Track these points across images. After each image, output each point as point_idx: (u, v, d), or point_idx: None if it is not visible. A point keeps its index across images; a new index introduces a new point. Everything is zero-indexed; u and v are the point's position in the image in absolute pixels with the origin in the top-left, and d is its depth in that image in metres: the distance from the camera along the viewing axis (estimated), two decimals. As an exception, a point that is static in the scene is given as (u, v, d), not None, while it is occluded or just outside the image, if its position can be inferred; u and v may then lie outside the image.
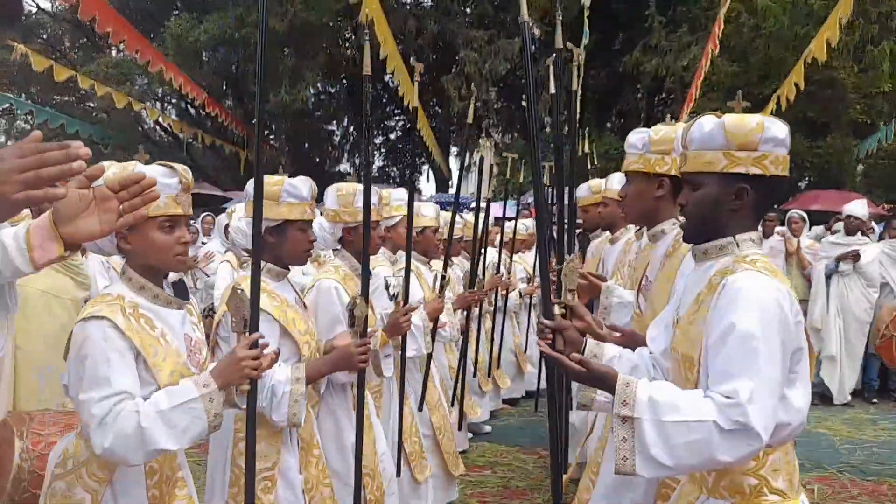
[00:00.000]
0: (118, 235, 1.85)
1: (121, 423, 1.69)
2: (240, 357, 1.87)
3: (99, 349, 1.74)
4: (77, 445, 1.86)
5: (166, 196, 1.85)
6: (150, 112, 15.32)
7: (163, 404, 1.73)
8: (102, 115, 19.76)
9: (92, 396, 1.70)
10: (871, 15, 10.07)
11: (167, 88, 17.00)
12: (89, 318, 1.78)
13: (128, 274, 1.91)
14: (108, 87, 13.35)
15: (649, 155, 2.41)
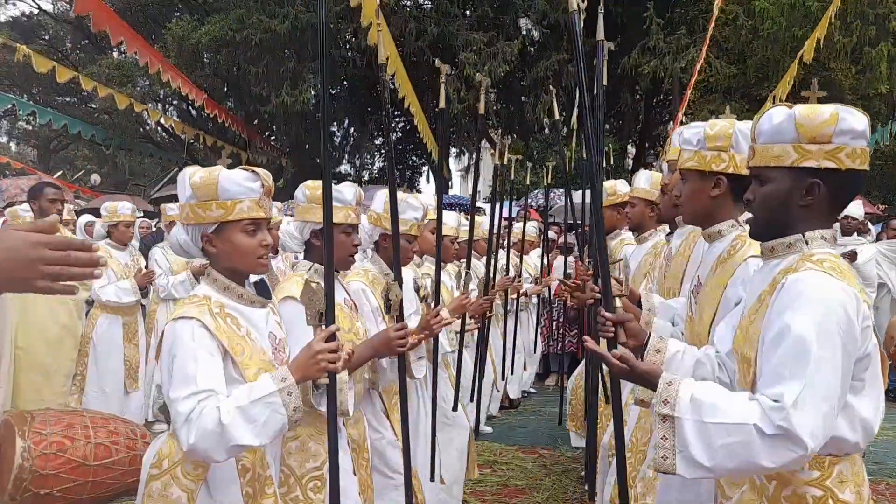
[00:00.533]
0: (204, 238, 1.91)
1: (203, 420, 1.69)
2: (317, 350, 1.85)
3: (187, 348, 1.77)
4: (171, 445, 1.88)
5: (250, 200, 1.89)
6: (151, 113, 15.36)
7: (242, 399, 1.73)
8: (104, 116, 19.81)
9: (179, 394, 1.73)
10: (869, 16, 10.10)
11: (168, 90, 17.05)
12: (178, 319, 1.82)
13: (212, 275, 1.95)
14: (110, 89, 13.40)
15: (705, 152, 2.25)
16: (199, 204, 1.89)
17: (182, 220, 1.94)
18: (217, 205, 1.87)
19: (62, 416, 4.02)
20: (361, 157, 20.75)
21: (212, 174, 1.89)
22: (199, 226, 1.91)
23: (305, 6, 14.09)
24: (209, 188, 1.87)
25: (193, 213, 1.90)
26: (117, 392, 5.25)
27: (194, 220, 1.90)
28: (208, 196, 1.88)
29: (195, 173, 1.91)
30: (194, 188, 1.89)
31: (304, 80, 14.30)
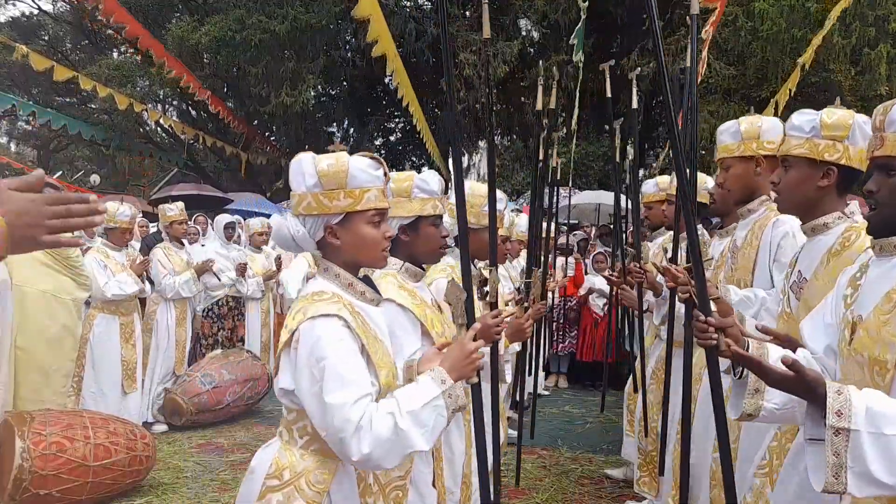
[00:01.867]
0: (327, 230, 1.77)
1: (377, 427, 1.58)
2: (470, 350, 1.76)
3: (337, 349, 1.63)
4: (290, 455, 1.76)
5: (376, 189, 1.78)
6: (150, 113, 15.36)
7: (412, 404, 1.62)
8: (104, 116, 19.81)
9: (344, 400, 1.58)
10: (868, 18, 10.12)
11: (168, 91, 17.06)
12: (317, 317, 1.66)
13: (333, 270, 1.81)
14: (110, 89, 13.40)
15: (818, 140, 2.16)
16: (325, 193, 1.74)
17: (301, 211, 1.77)
18: (345, 193, 1.74)
19: (62, 416, 4.02)
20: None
21: (340, 160, 1.76)
22: (323, 216, 1.76)
23: (305, 7, 14.11)
24: (338, 176, 1.74)
25: (318, 202, 1.74)
26: (114, 393, 5.25)
27: (318, 211, 1.75)
28: (336, 184, 1.74)
29: (321, 160, 1.77)
30: (321, 176, 1.74)
31: (304, 80, 14.30)
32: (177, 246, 6.14)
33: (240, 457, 5.10)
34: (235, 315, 6.85)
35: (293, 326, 1.68)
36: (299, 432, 1.77)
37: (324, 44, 15.10)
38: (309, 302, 1.71)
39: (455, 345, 1.80)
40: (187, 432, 5.65)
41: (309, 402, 1.64)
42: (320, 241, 1.80)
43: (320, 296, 1.72)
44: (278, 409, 6.54)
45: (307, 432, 1.74)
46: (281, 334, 1.74)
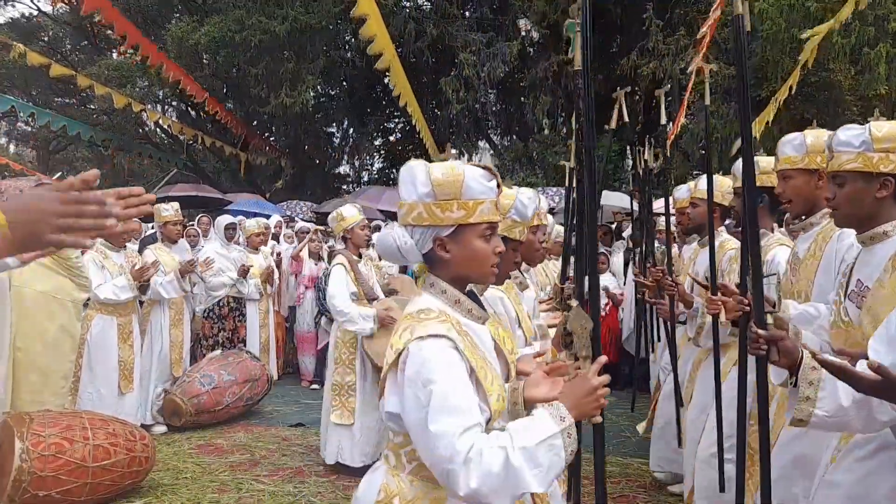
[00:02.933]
0: (436, 242, 1.68)
1: (487, 461, 1.46)
2: (594, 386, 1.60)
3: (445, 373, 1.53)
4: (398, 481, 1.67)
5: (489, 201, 1.69)
6: (149, 113, 15.36)
7: (526, 440, 1.49)
8: (103, 117, 19.81)
9: (451, 429, 1.48)
10: (868, 18, 10.10)
11: (167, 91, 17.06)
12: (425, 338, 1.56)
13: (439, 286, 1.71)
14: (107, 87, 13.40)
15: (871, 153, 2.23)
16: (438, 203, 1.65)
17: (410, 221, 1.69)
18: (459, 205, 1.65)
19: (61, 417, 4.02)
20: (361, 158, 20.75)
21: (456, 170, 1.67)
22: (434, 228, 1.67)
23: (304, 8, 14.10)
24: (453, 186, 1.65)
25: (430, 213, 1.66)
26: (111, 393, 5.23)
27: (429, 222, 1.66)
28: (451, 195, 1.65)
29: (434, 168, 1.67)
30: (436, 185, 1.65)
31: (303, 80, 14.30)
32: (169, 246, 6.12)
33: (239, 458, 5.09)
34: (236, 316, 6.84)
35: (399, 346, 1.59)
36: (407, 457, 1.67)
37: (323, 44, 15.10)
38: (416, 320, 1.62)
39: (578, 380, 1.64)
40: (187, 433, 5.65)
41: (413, 429, 1.55)
42: (427, 254, 1.71)
43: (427, 314, 1.63)
44: (278, 411, 6.58)
45: (415, 458, 1.64)
46: (387, 355, 1.65)
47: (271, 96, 14.53)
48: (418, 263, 1.76)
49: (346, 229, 4.97)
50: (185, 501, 4.27)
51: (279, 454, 5.21)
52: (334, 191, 18.99)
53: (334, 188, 19.45)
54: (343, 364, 4.84)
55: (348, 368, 4.82)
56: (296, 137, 18.09)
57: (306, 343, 7.71)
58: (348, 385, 4.79)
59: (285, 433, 5.79)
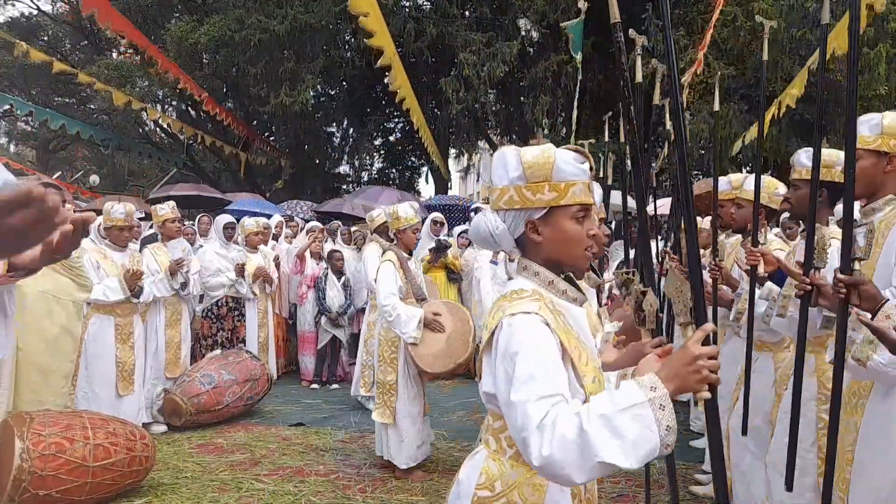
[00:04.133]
0: (528, 225, 1.67)
1: (561, 427, 1.39)
2: (696, 355, 1.43)
3: (531, 346, 1.51)
4: (500, 464, 1.67)
5: (582, 183, 1.66)
6: (149, 112, 15.34)
7: (604, 407, 1.39)
8: (103, 117, 19.81)
9: (527, 397, 1.44)
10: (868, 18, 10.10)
11: (167, 91, 17.05)
12: (516, 314, 1.56)
13: (532, 268, 1.70)
14: (107, 86, 13.40)
15: None
16: (529, 186, 1.65)
17: (502, 205, 1.69)
18: (550, 186, 1.64)
19: (61, 417, 4.02)
20: (361, 158, 20.76)
21: (546, 152, 1.65)
22: (525, 211, 1.66)
23: (304, 7, 14.10)
24: (544, 168, 1.64)
25: (521, 196, 1.65)
26: (108, 394, 5.21)
27: (521, 205, 1.66)
28: (542, 177, 1.64)
29: (526, 152, 1.66)
30: (527, 167, 1.64)
31: (303, 80, 14.30)
32: (167, 245, 6.11)
33: (239, 457, 5.09)
34: (235, 316, 6.85)
35: (492, 325, 1.60)
36: (507, 441, 1.65)
37: (323, 44, 15.10)
38: (508, 300, 1.63)
39: (679, 349, 1.50)
40: (187, 433, 5.65)
41: (502, 403, 1.52)
42: (520, 238, 1.71)
43: (520, 294, 1.63)
44: (278, 410, 6.58)
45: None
46: (483, 336, 1.66)
47: (271, 96, 14.53)
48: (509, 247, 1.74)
49: (399, 229, 4.86)
50: (186, 501, 4.27)
51: (279, 454, 5.21)
52: (334, 190, 18.99)
53: (334, 188, 19.45)
54: (385, 362, 4.77)
55: (390, 367, 4.74)
56: (296, 137, 18.08)
57: (307, 343, 7.72)
58: (389, 384, 4.71)
59: (285, 433, 5.79)
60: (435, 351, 4.63)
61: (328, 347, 7.64)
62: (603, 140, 15.45)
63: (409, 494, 4.43)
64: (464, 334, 4.71)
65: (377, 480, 4.67)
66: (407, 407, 4.69)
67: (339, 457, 5.17)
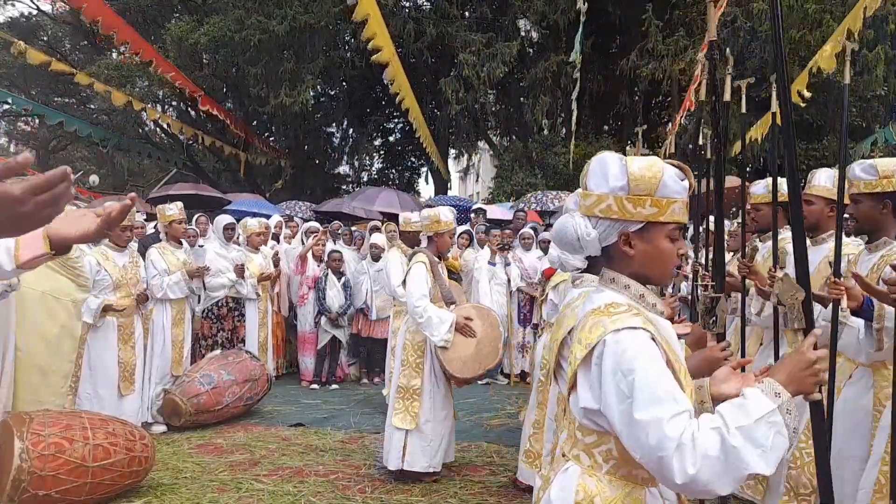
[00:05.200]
0: (622, 237, 1.65)
1: (702, 444, 1.40)
2: (812, 359, 1.52)
3: (647, 363, 1.49)
4: (598, 480, 1.63)
5: (681, 202, 1.64)
6: (149, 112, 15.33)
7: (739, 419, 1.43)
8: (103, 117, 19.80)
9: (658, 416, 1.43)
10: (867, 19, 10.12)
11: (167, 91, 17.05)
12: (622, 330, 1.53)
13: (621, 281, 1.68)
14: (107, 86, 13.39)
15: None
16: (630, 197, 1.61)
17: (597, 213, 1.65)
18: (652, 202, 1.61)
19: (60, 417, 4.02)
20: (361, 158, 20.75)
21: (655, 166, 1.62)
22: (621, 222, 1.64)
23: (304, 7, 14.11)
24: (650, 182, 1.60)
25: (620, 206, 1.62)
26: (110, 394, 5.22)
27: (619, 216, 1.62)
28: (646, 190, 1.61)
29: (633, 161, 1.63)
30: (632, 179, 1.61)
31: (303, 80, 14.31)
32: (174, 246, 6.12)
33: (239, 457, 5.09)
34: (235, 316, 6.86)
35: (591, 340, 1.55)
36: (603, 456, 1.62)
37: (323, 44, 15.10)
38: (605, 314, 1.58)
39: (793, 353, 1.56)
40: (186, 433, 5.65)
41: (618, 421, 1.50)
42: (608, 248, 1.68)
43: (616, 307, 1.58)
44: (277, 410, 6.58)
45: (612, 456, 1.61)
46: (574, 350, 1.61)
47: (271, 96, 14.54)
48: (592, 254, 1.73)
49: (438, 232, 4.80)
50: (185, 501, 4.27)
51: (279, 454, 5.21)
52: (334, 191, 19.00)
53: (334, 188, 19.45)
54: (410, 367, 4.67)
55: (415, 372, 4.65)
56: (295, 137, 18.09)
57: (308, 343, 7.72)
58: (413, 389, 4.63)
59: (285, 433, 5.79)
60: (465, 356, 4.57)
61: (328, 348, 7.65)
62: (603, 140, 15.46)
63: (407, 495, 4.43)
64: (494, 339, 4.66)
65: (376, 481, 4.67)
66: (432, 412, 4.62)
67: (339, 457, 5.17)
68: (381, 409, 6.59)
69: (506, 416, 6.45)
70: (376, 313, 7.71)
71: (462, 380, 4.67)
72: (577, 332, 1.62)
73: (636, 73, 13.59)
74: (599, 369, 1.53)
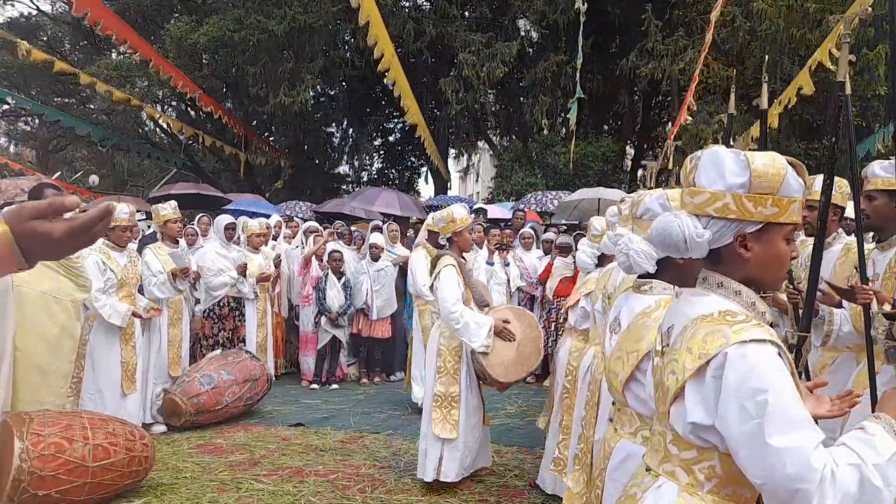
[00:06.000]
0: (738, 239, 1.53)
1: (842, 480, 1.34)
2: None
3: (781, 382, 1.39)
4: (700, 499, 1.53)
5: (799, 201, 1.55)
6: (148, 110, 15.34)
7: (875, 457, 1.37)
8: (103, 116, 19.78)
9: (801, 443, 1.34)
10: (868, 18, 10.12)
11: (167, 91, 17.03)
12: (747, 343, 1.41)
13: (731, 286, 1.55)
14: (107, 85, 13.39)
15: None
16: (750, 196, 1.50)
17: (710, 212, 1.53)
18: (774, 201, 1.50)
19: (60, 417, 4.02)
20: (360, 158, 20.75)
21: (779, 162, 1.52)
22: (738, 223, 1.52)
23: (303, 7, 14.11)
24: (774, 180, 1.50)
25: (739, 205, 1.50)
26: (113, 394, 5.23)
27: (737, 215, 1.51)
28: (768, 189, 1.50)
29: (754, 157, 1.51)
30: (755, 176, 1.49)
31: (302, 80, 14.31)
32: (170, 246, 6.11)
33: (239, 457, 5.09)
34: (237, 316, 6.85)
35: (709, 351, 1.44)
36: (705, 474, 1.51)
37: (322, 44, 15.11)
38: (723, 323, 1.47)
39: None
40: (186, 433, 5.64)
41: (739, 442, 1.40)
42: (716, 250, 1.56)
43: (734, 316, 1.47)
44: (277, 410, 6.58)
45: (716, 474, 1.50)
46: (682, 359, 1.50)
47: (270, 96, 14.54)
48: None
49: (455, 231, 4.56)
50: (185, 501, 4.27)
51: (279, 454, 5.21)
52: (334, 191, 18.99)
53: (334, 188, 19.45)
54: (448, 373, 4.46)
55: (453, 378, 4.45)
56: (295, 137, 18.08)
57: (309, 343, 7.72)
58: (452, 396, 4.43)
59: (285, 433, 5.78)
60: (507, 359, 4.43)
61: (328, 348, 7.65)
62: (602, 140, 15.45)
63: (408, 495, 4.43)
64: (534, 340, 4.53)
65: (376, 481, 4.67)
66: (467, 418, 4.48)
67: (339, 457, 5.16)
68: (379, 409, 6.60)
69: (505, 416, 6.45)
70: (377, 313, 7.70)
71: (506, 384, 4.51)
72: (685, 339, 1.51)
73: (635, 73, 13.59)
74: (718, 383, 1.43)
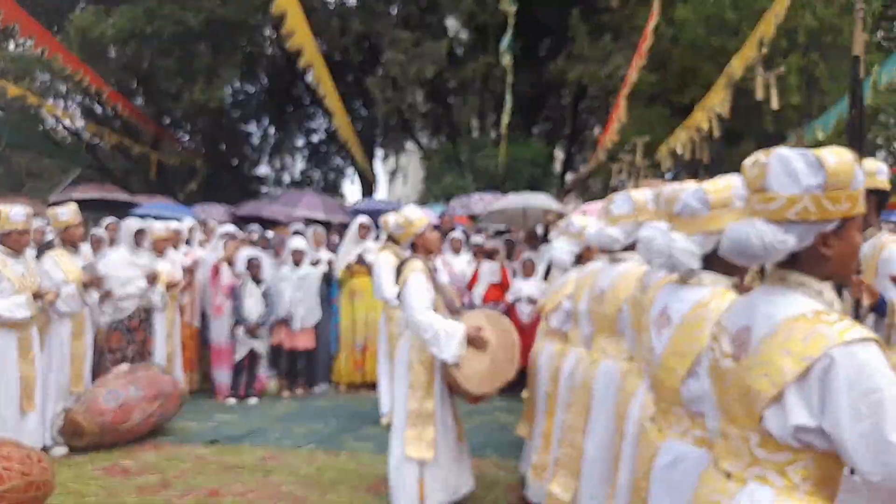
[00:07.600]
0: (818, 238, 1.51)
1: None
2: None
3: (889, 379, 1.39)
4: (798, 501, 1.51)
5: (862, 191, 1.53)
6: (47, 107, 14.31)
7: None
8: (-2, 111, 18.45)
9: None
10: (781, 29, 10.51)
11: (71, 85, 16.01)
12: (853, 343, 1.41)
13: (812, 286, 1.54)
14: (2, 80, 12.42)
15: None
16: (828, 195, 1.47)
17: (791, 217, 1.50)
18: (847, 196, 1.49)
19: None
20: (282, 159, 20.17)
21: (847, 155, 1.50)
22: (818, 223, 1.50)
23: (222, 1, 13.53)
24: (847, 175, 1.48)
25: (818, 206, 1.48)
26: (12, 413, 4.78)
27: (818, 216, 1.49)
28: (842, 185, 1.48)
29: (825, 155, 1.49)
30: (831, 174, 1.47)
31: (219, 76, 13.71)
32: (70, 252, 5.62)
33: (149, 479, 4.70)
34: (147, 328, 6.33)
35: (812, 353, 1.42)
36: (801, 475, 1.49)
37: (242, 38, 14.54)
38: (821, 322, 1.46)
39: None
40: (90, 454, 5.20)
41: (854, 441, 1.38)
42: (805, 252, 1.53)
43: (829, 315, 1.47)
44: (191, 427, 6.12)
45: (811, 475, 1.49)
46: (779, 362, 1.47)
47: (185, 92, 13.86)
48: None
49: (415, 234, 4.19)
50: (86, 534, 3.85)
51: (193, 474, 4.85)
52: (252, 193, 18.35)
53: (253, 190, 18.80)
54: (421, 388, 4.01)
55: (427, 393, 4.00)
56: (211, 136, 17.40)
57: (222, 356, 7.26)
58: (427, 413, 3.98)
59: (199, 451, 5.39)
60: (481, 370, 3.99)
61: (245, 360, 7.21)
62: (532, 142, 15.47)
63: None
64: (508, 348, 4.07)
65: (298, 499, 4.38)
66: (444, 436, 4.04)
67: (258, 475, 4.85)
68: (301, 423, 6.25)
69: (480, 425, 6.18)
70: (300, 322, 7.34)
71: (479, 397, 4.10)
72: (779, 341, 1.49)
73: (564, 77, 13.70)
74: (823, 385, 1.42)
